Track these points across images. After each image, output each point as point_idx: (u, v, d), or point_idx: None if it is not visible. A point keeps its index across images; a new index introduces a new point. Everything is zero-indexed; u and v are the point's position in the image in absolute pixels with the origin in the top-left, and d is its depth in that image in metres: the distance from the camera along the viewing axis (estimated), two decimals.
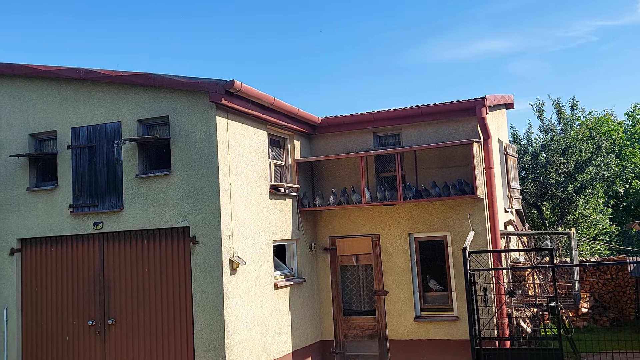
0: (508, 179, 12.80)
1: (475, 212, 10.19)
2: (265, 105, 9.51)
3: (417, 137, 10.78)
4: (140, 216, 8.94)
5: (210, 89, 8.44)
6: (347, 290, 11.12)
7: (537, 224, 22.22)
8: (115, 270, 9.12)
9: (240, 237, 8.83)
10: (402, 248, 10.68)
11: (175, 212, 8.72)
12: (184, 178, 8.70)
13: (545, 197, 21.04)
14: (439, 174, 10.57)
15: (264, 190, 9.65)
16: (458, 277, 10.23)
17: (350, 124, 11.12)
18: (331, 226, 11.17)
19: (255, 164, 9.48)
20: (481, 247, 9.95)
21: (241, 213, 8.92)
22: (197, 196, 8.59)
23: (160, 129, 9.06)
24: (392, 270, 10.73)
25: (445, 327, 10.29)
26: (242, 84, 8.55)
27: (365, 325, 10.85)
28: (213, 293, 8.37)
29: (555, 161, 20.44)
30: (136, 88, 9.12)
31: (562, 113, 22.53)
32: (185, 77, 8.61)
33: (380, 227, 10.86)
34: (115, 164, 9.16)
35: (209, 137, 8.55)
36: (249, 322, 8.86)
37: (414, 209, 10.66)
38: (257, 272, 9.20)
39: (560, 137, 21.42)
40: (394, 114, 10.79)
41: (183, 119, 8.77)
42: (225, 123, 8.77)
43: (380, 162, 11.18)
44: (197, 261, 8.53)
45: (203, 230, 8.51)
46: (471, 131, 10.38)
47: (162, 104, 8.93)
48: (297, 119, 10.55)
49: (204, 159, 8.57)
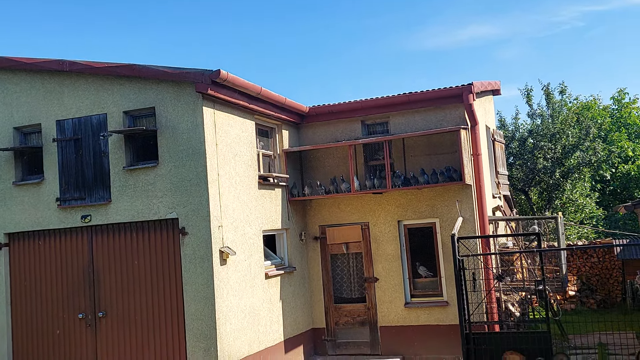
0: (496, 165, 12.87)
1: (464, 198, 10.24)
2: (252, 95, 9.47)
3: (405, 125, 10.79)
4: (128, 208, 8.90)
5: (196, 79, 8.38)
6: (338, 278, 11.17)
7: (524, 209, 22.40)
8: (104, 263, 9.08)
9: (229, 227, 8.82)
10: (392, 235, 10.73)
11: (163, 204, 8.69)
12: (172, 169, 8.66)
13: (532, 182, 21.19)
14: (427, 161, 10.60)
15: (252, 181, 9.64)
16: (447, 263, 10.29)
17: (338, 112, 11.10)
18: (321, 215, 11.18)
19: (244, 154, 9.46)
20: (470, 233, 10.01)
21: (230, 204, 8.91)
22: (185, 187, 8.56)
23: (147, 120, 9.00)
24: (382, 258, 10.78)
25: (435, 312, 10.37)
26: (228, 73, 8.51)
27: (356, 313, 10.91)
28: (204, 284, 8.38)
29: (543, 146, 20.55)
30: (121, 79, 9.04)
31: (551, 98, 22.63)
32: (171, 68, 8.55)
33: (369, 215, 10.89)
34: (102, 156, 9.10)
35: (196, 128, 8.51)
36: (240, 311, 8.88)
37: (403, 196, 10.70)
38: (248, 262, 9.21)
39: (548, 122, 21.53)
40: (382, 102, 10.78)
41: (169, 110, 8.72)
42: (212, 113, 8.72)
43: (368, 150, 11.18)
44: (187, 252, 8.52)
45: (192, 221, 8.50)
46: (459, 118, 10.41)
47: (148, 95, 8.86)
48: (284, 108, 10.52)
49: (192, 150, 8.53)
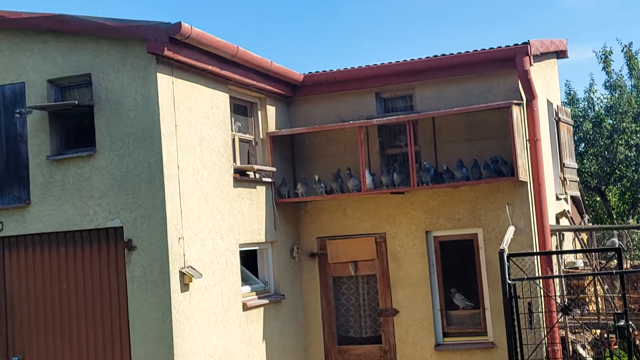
0: (561, 155, 12.85)
1: (516, 200, 10.23)
2: (226, 58, 9.44)
3: (436, 100, 10.75)
4: (54, 213, 8.88)
5: (148, 36, 8.34)
6: (343, 310, 11.17)
7: (600, 215, 22.41)
8: (20, 289, 9.06)
9: (194, 240, 8.81)
10: (417, 251, 10.72)
11: (102, 208, 8.68)
12: (114, 160, 8.64)
13: (611, 178, 21.19)
14: (467, 149, 10.57)
15: (226, 176, 9.63)
16: (493, 289, 10.28)
17: (345, 82, 11.07)
18: (320, 223, 11.18)
19: (213, 139, 9.44)
20: (525, 248, 10.01)
21: (195, 207, 8.89)
22: (133, 184, 8.54)
23: (80, 92, 8.98)
24: (403, 282, 10.78)
25: (478, 357, 10.37)
26: (192, 27, 8.47)
27: (367, 357, 10.92)
28: (158, 317, 8.36)
29: (626, 129, 20.56)
30: (45, 36, 9.00)
31: (635, 63, 22.61)
32: (113, 20, 8.51)
33: (387, 223, 10.89)
34: (18, 141, 9.07)
35: (148, 103, 8.48)
36: (209, 356, 8.87)
37: (433, 197, 10.68)
38: (219, 288, 9.21)
39: (632, 96, 21.51)
40: (405, 67, 10.76)
41: (111, 78, 8.69)
42: (171, 82, 8.70)
43: (386, 134, 11.17)
44: (134, 274, 8.51)
45: (142, 231, 8.48)
46: (510, 90, 10.38)
47: (82, 58, 8.83)
48: (270, 76, 10.48)
49: (141, 132, 8.51)
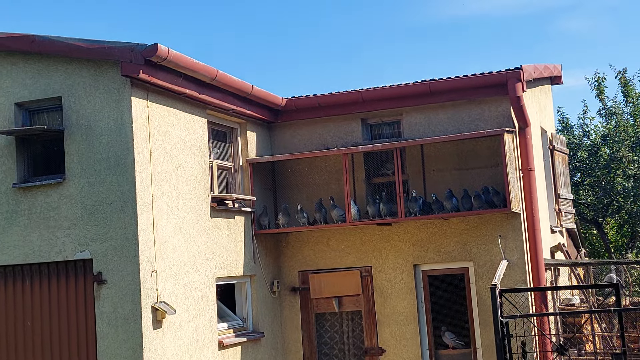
0: (555, 185, 12.92)
1: (509, 233, 10.27)
2: (205, 81, 9.51)
3: (425, 127, 10.82)
4: (19, 244, 8.86)
5: (123, 58, 8.40)
6: (326, 349, 11.14)
7: (597, 248, 22.49)
8: None
9: (168, 273, 8.80)
10: (405, 286, 10.73)
11: (71, 239, 8.65)
12: (85, 188, 8.64)
13: (609, 210, 21.29)
14: (457, 178, 10.64)
15: (202, 205, 9.64)
16: (485, 327, 10.30)
17: (329, 107, 11.14)
18: (302, 256, 11.17)
19: (190, 165, 9.46)
20: (518, 284, 10.03)
21: (169, 238, 8.89)
22: (104, 214, 8.54)
23: (50, 116, 9.02)
24: (390, 319, 10.77)
25: None
26: (169, 49, 8.54)
27: None
28: (128, 356, 8.31)
29: (623, 159, 20.70)
30: (14, 57, 9.04)
31: (630, 89, 22.78)
32: (86, 41, 8.57)
33: (372, 256, 10.90)
34: None
35: (121, 127, 8.51)
36: None
37: (421, 229, 10.72)
38: (194, 325, 9.18)
39: (628, 123, 21.68)
40: (392, 92, 10.84)
41: (83, 101, 8.72)
42: (145, 106, 8.73)
43: (372, 162, 11.20)
44: (104, 309, 8.48)
45: (113, 264, 8.46)
46: (502, 117, 10.47)
47: (53, 81, 8.87)
48: (251, 100, 10.55)
49: (114, 159, 8.53)
